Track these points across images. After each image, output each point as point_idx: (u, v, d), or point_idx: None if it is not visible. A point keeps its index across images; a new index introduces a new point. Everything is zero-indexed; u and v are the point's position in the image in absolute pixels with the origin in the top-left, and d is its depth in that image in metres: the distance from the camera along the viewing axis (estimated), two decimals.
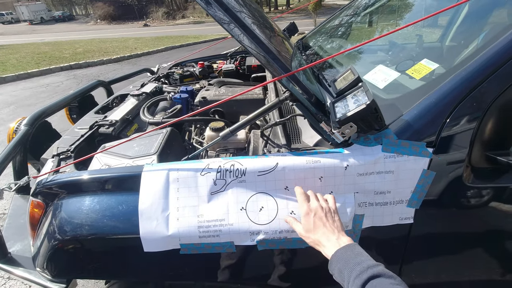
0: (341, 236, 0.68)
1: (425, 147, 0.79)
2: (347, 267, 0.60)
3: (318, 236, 0.69)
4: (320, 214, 0.71)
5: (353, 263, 0.60)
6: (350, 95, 0.78)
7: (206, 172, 0.81)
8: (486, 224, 0.91)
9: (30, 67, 7.82)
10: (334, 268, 0.63)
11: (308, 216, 0.72)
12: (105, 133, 1.34)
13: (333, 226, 0.70)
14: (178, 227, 0.79)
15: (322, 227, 0.69)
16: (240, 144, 1.19)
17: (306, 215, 0.72)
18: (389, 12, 1.85)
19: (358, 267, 0.58)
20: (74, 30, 23.19)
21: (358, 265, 0.58)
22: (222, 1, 0.76)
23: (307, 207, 0.73)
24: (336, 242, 0.66)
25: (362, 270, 0.57)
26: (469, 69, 0.78)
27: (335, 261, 0.63)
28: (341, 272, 0.61)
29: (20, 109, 4.88)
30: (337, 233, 0.69)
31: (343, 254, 0.63)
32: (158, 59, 8.81)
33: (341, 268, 0.61)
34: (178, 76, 2.10)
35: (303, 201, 0.75)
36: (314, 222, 0.71)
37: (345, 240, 0.67)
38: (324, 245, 0.68)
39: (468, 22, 1.40)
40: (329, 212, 0.72)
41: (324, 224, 0.70)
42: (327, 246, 0.67)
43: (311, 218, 0.71)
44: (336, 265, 0.62)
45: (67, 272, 0.90)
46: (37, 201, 0.93)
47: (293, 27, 2.10)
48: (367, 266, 0.57)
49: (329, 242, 0.67)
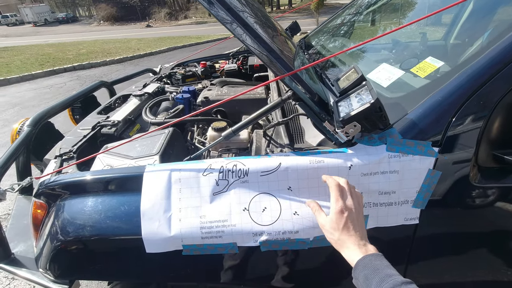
0: (367, 243, 0.65)
1: (430, 147, 0.77)
2: (377, 276, 0.57)
3: (345, 237, 0.66)
4: (353, 216, 0.67)
5: (384, 274, 0.57)
6: (354, 94, 0.77)
7: (208, 173, 0.81)
8: (492, 225, 0.89)
9: (34, 69, 7.88)
10: (359, 274, 0.60)
11: (342, 215, 0.67)
12: (107, 134, 1.34)
13: (361, 232, 0.67)
14: (180, 228, 0.78)
15: (352, 230, 0.66)
16: (242, 144, 1.19)
17: (340, 212, 0.67)
18: (392, 10, 1.84)
19: (390, 280, 0.55)
20: (78, 31, 23.34)
21: (390, 277, 0.56)
22: (224, 0, 0.75)
23: (343, 205, 0.67)
24: (363, 248, 0.64)
25: (396, 284, 0.54)
26: (475, 67, 0.77)
27: (361, 266, 0.60)
28: (367, 279, 0.58)
29: (24, 110, 4.92)
30: (364, 240, 0.66)
31: (372, 262, 0.60)
32: (161, 59, 8.84)
33: (368, 275, 0.58)
34: (180, 76, 2.10)
35: (339, 197, 0.68)
36: (345, 223, 0.66)
37: (372, 249, 0.64)
38: (348, 247, 0.65)
39: (472, 19, 1.38)
40: (360, 216, 0.69)
41: (354, 227, 0.66)
42: (352, 249, 0.64)
43: (344, 217, 0.66)
44: (363, 271, 0.59)
45: (70, 273, 0.90)
46: (40, 202, 0.93)
47: (296, 26, 2.09)
48: (401, 281, 0.55)
49: (355, 246, 0.64)
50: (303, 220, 0.78)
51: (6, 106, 5.23)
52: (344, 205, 0.67)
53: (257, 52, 0.77)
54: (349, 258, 0.64)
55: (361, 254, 0.62)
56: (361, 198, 0.72)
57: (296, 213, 0.78)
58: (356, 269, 0.61)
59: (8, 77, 6.98)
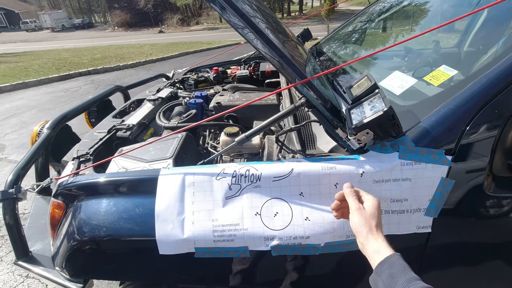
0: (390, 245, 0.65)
1: (443, 155, 0.77)
2: (404, 277, 0.56)
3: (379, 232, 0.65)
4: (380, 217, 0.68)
5: (412, 276, 0.57)
6: (367, 101, 0.78)
7: (222, 177, 0.82)
8: (507, 235, 0.88)
9: (51, 73, 8.12)
10: (384, 271, 0.59)
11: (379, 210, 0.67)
12: (122, 137, 1.37)
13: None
14: (193, 230, 0.80)
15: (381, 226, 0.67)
16: (254, 150, 1.20)
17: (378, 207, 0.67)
18: (404, 17, 1.83)
19: (419, 283, 0.55)
20: (93, 37, 24.01)
21: (418, 281, 0.56)
22: (236, 6, 0.77)
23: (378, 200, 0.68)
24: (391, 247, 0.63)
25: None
26: (489, 76, 0.76)
27: (388, 264, 0.59)
28: (392, 278, 0.57)
29: (41, 113, 5.07)
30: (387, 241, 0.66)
31: (399, 261, 0.59)
32: (173, 64, 8.99)
33: (394, 274, 0.58)
34: (193, 81, 2.14)
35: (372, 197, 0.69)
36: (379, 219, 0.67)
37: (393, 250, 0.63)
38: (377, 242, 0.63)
39: (487, 27, 1.37)
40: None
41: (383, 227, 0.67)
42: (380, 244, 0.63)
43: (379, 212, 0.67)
44: (389, 269, 0.59)
45: (85, 272, 0.93)
46: (58, 202, 0.96)
47: (307, 33, 2.11)
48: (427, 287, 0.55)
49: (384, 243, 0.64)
50: (314, 226, 0.78)
51: (24, 108, 5.40)
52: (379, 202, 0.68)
53: (268, 57, 0.79)
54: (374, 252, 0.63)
55: (389, 251, 0.61)
56: None
57: (308, 219, 0.79)
58: (382, 265, 0.60)
59: (26, 81, 7.21)
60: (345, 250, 0.82)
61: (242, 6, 0.81)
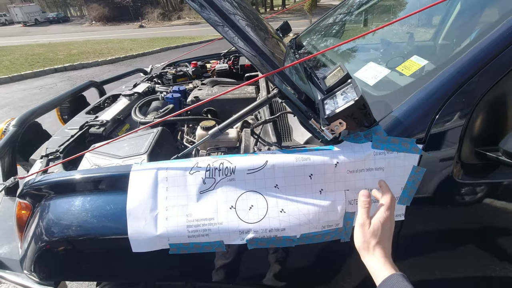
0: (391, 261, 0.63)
1: (415, 144, 0.78)
2: None
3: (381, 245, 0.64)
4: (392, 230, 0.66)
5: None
6: (339, 91, 0.78)
7: (195, 171, 0.81)
8: (476, 221, 0.91)
9: (23, 69, 7.75)
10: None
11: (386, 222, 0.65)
12: (95, 134, 1.32)
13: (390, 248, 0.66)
14: (167, 226, 0.78)
15: (387, 241, 0.65)
16: (231, 143, 1.18)
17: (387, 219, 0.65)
18: (384, 11, 1.86)
19: None
20: (69, 31, 23.05)
21: None
22: (215, 4, 0.75)
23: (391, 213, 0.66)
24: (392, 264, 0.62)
25: None
26: (457, 65, 0.78)
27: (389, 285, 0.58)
28: None
29: (14, 111, 4.84)
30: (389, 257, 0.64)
31: (399, 283, 0.57)
32: (154, 60, 8.77)
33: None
34: (171, 76, 2.09)
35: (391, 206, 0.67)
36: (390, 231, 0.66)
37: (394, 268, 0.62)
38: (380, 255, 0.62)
39: (460, 20, 1.40)
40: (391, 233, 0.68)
41: (389, 238, 0.66)
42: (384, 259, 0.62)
43: (388, 228, 0.65)
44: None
45: (55, 274, 0.89)
46: (24, 202, 0.91)
47: (287, 26, 2.09)
48: None
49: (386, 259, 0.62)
50: (290, 218, 0.78)
51: None
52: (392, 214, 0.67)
53: (248, 55, 0.77)
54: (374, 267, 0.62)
55: (388, 269, 0.60)
56: None
57: (283, 211, 0.79)
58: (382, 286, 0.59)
59: None
60: (321, 240, 0.82)
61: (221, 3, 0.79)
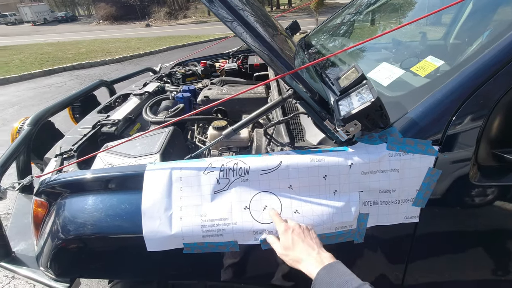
0: (321, 251, 0.67)
1: (430, 145, 0.78)
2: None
3: (298, 252, 0.68)
4: (298, 231, 0.71)
5: (337, 284, 0.58)
6: (354, 93, 0.78)
7: (209, 171, 0.81)
8: (492, 223, 0.90)
9: (33, 68, 7.86)
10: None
11: (287, 233, 0.71)
12: (107, 133, 1.34)
13: (312, 242, 0.69)
14: (181, 226, 0.78)
15: (301, 243, 0.69)
16: (243, 143, 1.19)
17: (284, 232, 0.72)
18: (392, 10, 1.84)
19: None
20: (77, 30, 23.31)
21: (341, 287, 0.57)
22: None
23: (284, 225, 0.73)
24: (317, 257, 0.65)
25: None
26: (475, 66, 0.77)
27: (318, 283, 0.61)
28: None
29: (24, 110, 4.91)
30: (317, 248, 0.68)
31: (325, 276, 0.61)
32: (160, 59, 8.83)
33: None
34: (181, 75, 2.10)
35: (279, 221, 0.75)
36: (292, 239, 0.70)
37: (327, 256, 0.65)
38: (304, 261, 0.66)
39: (472, 19, 1.38)
40: (307, 230, 0.72)
41: (303, 240, 0.69)
42: (308, 262, 0.66)
43: (289, 234, 0.71)
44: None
45: (71, 271, 0.90)
46: (41, 200, 0.93)
47: (296, 26, 2.09)
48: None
49: (310, 257, 0.66)
50: (304, 218, 0.78)
51: (6, 105, 5.22)
52: (286, 225, 0.72)
53: (257, 51, 0.77)
54: (309, 272, 0.65)
55: (316, 267, 0.63)
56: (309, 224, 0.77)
57: (297, 211, 0.79)
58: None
59: (7, 76, 6.96)
60: (335, 242, 0.82)
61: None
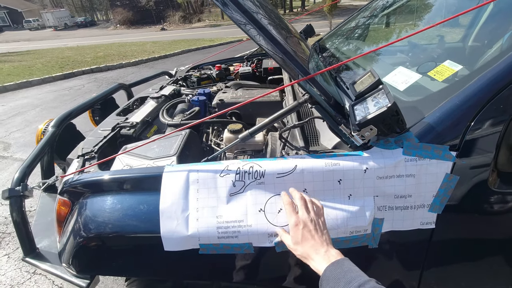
0: (330, 249, 0.67)
1: (448, 151, 0.77)
2: (338, 287, 0.58)
3: (307, 248, 0.68)
4: (310, 227, 0.70)
5: (344, 281, 0.58)
6: (370, 97, 0.78)
7: (225, 174, 0.83)
8: (510, 231, 0.87)
9: (54, 71, 8.17)
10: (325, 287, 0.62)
11: (297, 228, 0.70)
12: (126, 135, 1.38)
13: (321, 239, 0.69)
14: (198, 227, 0.80)
15: (311, 239, 0.68)
16: (257, 146, 1.20)
17: (295, 226, 0.71)
18: (408, 12, 1.82)
19: (349, 286, 0.57)
20: (96, 35, 24.05)
21: (348, 284, 0.57)
22: (239, 2, 0.76)
23: (296, 218, 0.71)
24: (325, 255, 0.65)
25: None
26: (495, 71, 0.76)
27: (325, 280, 0.62)
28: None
29: (45, 111, 5.11)
30: (326, 246, 0.67)
31: (332, 272, 0.61)
32: (175, 61, 9.00)
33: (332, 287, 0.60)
34: (196, 78, 2.14)
35: (291, 212, 0.73)
36: (302, 234, 0.69)
37: (334, 254, 0.65)
38: (313, 259, 0.66)
39: (491, 22, 1.35)
40: (318, 225, 0.71)
41: (312, 237, 0.69)
42: (316, 259, 0.66)
43: (300, 230, 0.70)
44: (327, 285, 0.61)
45: (91, 268, 0.94)
46: (64, 199, 0.97)
47: (310, 29, 2.09)
48: (358, 284, 0.56)
49: (318, 255, 0.66)
50: None
51: (28, 107, 5.44)
52: (297, 219, 0.71)
53: (271, 54, 0.78)
54: (316, 269, 0.65)
55: (323, 264, 0.63)
56: (320, 208, 0.75)
57: None
58: (321, 285, 0.62)
59: (30, 80, 7.27)
60: (349, 246, 0.82)
61: (244, 2, 0.81)
